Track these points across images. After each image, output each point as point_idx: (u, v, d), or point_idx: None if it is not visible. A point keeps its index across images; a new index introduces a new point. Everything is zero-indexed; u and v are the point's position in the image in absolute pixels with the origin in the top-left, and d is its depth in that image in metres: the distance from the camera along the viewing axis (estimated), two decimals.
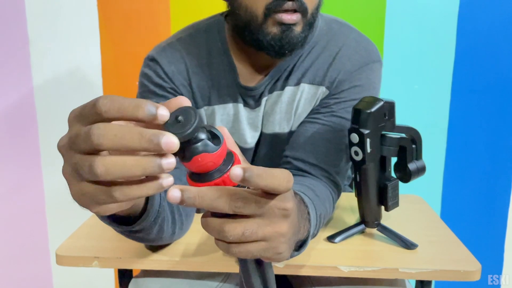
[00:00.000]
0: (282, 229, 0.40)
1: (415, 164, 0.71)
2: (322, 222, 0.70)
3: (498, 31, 1.49)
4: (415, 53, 1.51)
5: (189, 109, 0.35)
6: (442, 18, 1.49)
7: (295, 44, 0.72)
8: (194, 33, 0.84)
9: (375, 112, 0.66)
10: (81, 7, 1.48)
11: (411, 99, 1.53)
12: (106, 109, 0.32)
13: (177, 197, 0.35)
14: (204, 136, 0.36)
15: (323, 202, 0.71)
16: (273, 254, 0.41)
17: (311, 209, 0.62)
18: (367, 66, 0.81)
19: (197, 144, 0.36)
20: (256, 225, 0.38)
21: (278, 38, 0.71)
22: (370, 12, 1.48)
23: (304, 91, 0.81)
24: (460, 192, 1.59)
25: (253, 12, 0.70)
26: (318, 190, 0.72)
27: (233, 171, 0.34)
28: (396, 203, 0.73)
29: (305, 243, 0.59)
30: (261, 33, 0.71)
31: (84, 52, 1.51)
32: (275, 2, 0.68)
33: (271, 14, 0.69)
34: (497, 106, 1.53)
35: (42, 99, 1.52)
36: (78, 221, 0.84)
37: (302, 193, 0.65)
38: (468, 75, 1.52)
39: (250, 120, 0.85)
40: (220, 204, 0.36)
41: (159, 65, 0.81)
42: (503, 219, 1.59)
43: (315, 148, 0.78)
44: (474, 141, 1.56)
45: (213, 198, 0.36)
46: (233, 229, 0.38)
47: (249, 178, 0.34)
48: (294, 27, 0.71)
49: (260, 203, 0.38)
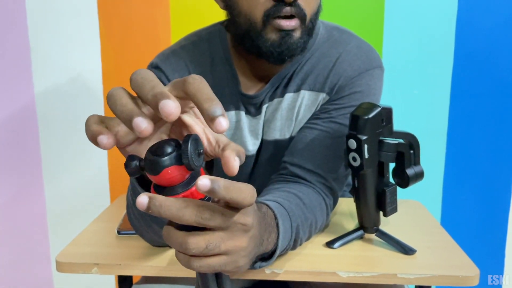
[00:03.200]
0: (242, 243, 0.41)
1: (413, 169, 0.72)
2: (306, 231, 0.70)
3: (496, 36, 1.50)
4: (414, 58, 1.51)
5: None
6: (440, 23, 1.49)
7: (295, 50, 0.73)
8: (197, 41, 0.85)
9: (373, 118, 0.67)
10: (82, 14, 1.50)
11: (410, 104, 1.53)
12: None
13: (144, 204, 0.35)
14: (172, 149, 0.36)
15: (310, 210, 0.71)
16: (232, 268, 0.42)
17: (284, 221, 0.62)
18: (367, 72, 0.80)
19: (166, 157, 0.35)
20: (220, 239, 0.39)
21: (277, 44, 0.71)
22: (369, 18, 1.49)
23: (304, 97, 0.82)
24: (460, 196, 1.59)
25: (252, 19, 0.71)
26: (307, 197, 0.72)
27: (201, 181, 0.34)
28: (395, 209, 0.74)
29: (274, 253, 0.60)
30: (261, 40, 0.72)
31: (84, 59, 1.52)
32: (274, 8, 0.69)
33: (270, 20, 0.70)
34: (496, 110, 1.54)
35: (43, 106, 1.53)
36: (78, 228, 0.85)
37: (278, 203, 0.65)
38: (467, 80, 1.52)
39: (251, 127, 0.85)
40: (186, 215, 0.36)
41: (164, 73, 0.81)
42: (504, 221, 1.59)
43: (312, 154, 0.78)
44: (474, 145, 1.56)
45: (180, 208, 0.35)
46: (196, 242, 0.38)
47: (216, 189, 0.35)
48: (293, 33, 0.71)
49: (226, 216, 0.38)
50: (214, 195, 0.35)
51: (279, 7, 0.69)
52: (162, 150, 0.36)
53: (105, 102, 1.54)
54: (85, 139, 0.38)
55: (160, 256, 0.70)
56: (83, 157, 1.55)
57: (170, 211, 0.35)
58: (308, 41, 0.76)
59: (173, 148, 0.36)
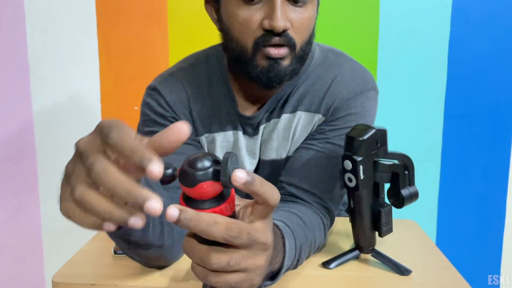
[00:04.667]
0: (261, 261, 0.42)
1: (408, 190, 0.72)
2: (306, 251, 0.71)
3: (488, 58, 1.53)
4: (408, 79, 1.54)
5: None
6: (433, 45, 1.52)
7: (283, 77, 0.74)
8: (195, 63, 0.86)
9: (367, 140, 0.68)
10: (81, 34, 1.52)
11: (405, 125, 1.55)
12: (112, 142, 0.35)
13: (174, 216, 0.36)
14: (210, 164, 0.37)
15: (311, 230, 0.72)
16: (247, 285, 0.42)
17: (289, 241, 0.64)
18: (362, 94, 0.82)
19: (203, 171, 0.36)
20: (241, 256, 0.40)
21: (266, 71, 0.73)
22: (364, 40, 1.52)
23: (300, 118, 0.83)
24: (455, 215, 1.60)
25: (243, 45, 0.73)
26: (307, 217, 0.73)
27: (238, 173, 0.36)
28: (390, 229, 0.74)
29: (279, 273, 0.61)
30: (251, 66, 0.74)
31: (83, 79, 1.53)
32: (263, 37, 0.71)
33: (260, 48, 0.72)
34: (490, 130, 1.56)
35: (41, 125, 1.54)
36: (73, 247, 0.84)
37: (284, 223, 0.66)
38: (460, 100, 1.55)
39: (249, 147, 0.86)
40: (215, 231, 0.37)
41: (161, 95, 0.83)
42: (499, 240, 1.60)
43: (309, 174, 0.79)
44: (468, 165, 1.58)
45: (209, 224, 0.37)
46: (219, 258, 0.38)
47: (251, 182, 0.36)
48: (281, 61, 0.73)
49: (251, 234, 0.39)
50: (250, 186, 0.36)
51: (269, 36, 0.70)
52: (200, 164, 0.37)
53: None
54: None
55: (157, 276, 0.70)
56: None
57: (200, 226, 0.36)
58: (298, 68, 0.77)
59: (210, 164, 0.37)
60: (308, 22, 0.73)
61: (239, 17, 0.71)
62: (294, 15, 0.71)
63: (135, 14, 1.51)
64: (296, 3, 0.71)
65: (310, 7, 0.73)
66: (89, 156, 0.36)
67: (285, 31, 0.71)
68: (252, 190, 0.37)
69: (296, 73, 0.77)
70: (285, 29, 0.70)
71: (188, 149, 0.82)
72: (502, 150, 1.57)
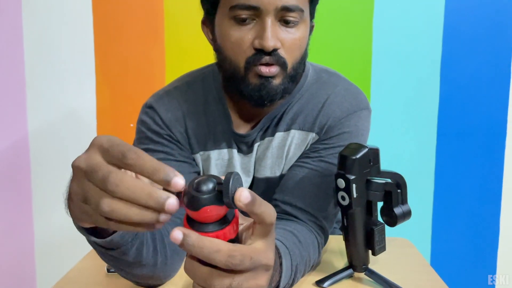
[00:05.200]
0: (262, 282, 0.42)
1: (400, 208, 0.73)
2: (301, 270, 0.71)
3: (480, 77, 1.55)
4: (401, 99, 1.56)
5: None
6: (425, 65, 1.55)
7: (274, 96, 0.75)
8: (191, 81, 0.88)
9: (360, 158, 0.69)
10: (79, 51, 1.53)
11: (398, 143, 1.56)
12: (131, 162, 0.36)
13: (178, 239, 0.36)
14: (214, 187, 0.37)
15: (305, 248, 0.72)
16: None
17: (286, 260, 0.64)
18: (355, 114, 0.83)
19: (208, 195, 0.36)
20: (243, 278, 0.40)
21: (258, 89, 0.74)
22: (357, 60, 1.54)
23: (294, 136, 0.84)
24: (449, 233, 1.60)
25: (236, 64, 0.75)
26: (302, 235, 0.74)
27: (244, 193, 0.36)
28: (383, 248, 0.75)
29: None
30: (243, 84, 0.75)
31: (79, 95, 1.54)
32: (254, 57, 0.72)
33: (251, 67, 0.73)
34: (482, 148, 1.57)
35: (36, 142, 1.54)
36: (67, 265, 0.84)
37: (280, 241, 0.67)
38: (452, 119, 1.56)
39: (243, 165, 0.87)
40: (217, 259, 0.37)
41: (157, 113, 0.83)
42: (493, 258, 1.60)
43: (303, 192, 0.80)
44: (461, 183, 1.59)
45: (211, 252, 0.37)
46: (221, 280, 0.38)
47: (253, 201, 0.37)
48: (272, 80, 0.74)
49: (254, 259, 0.39)
50: (252, 207, 0.37)
51: (260, 55, 0.72)
52: (205, 187, 0.36)
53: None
54: None
55: None
56: None
57: (202, 252, 0.37)
58: (291, 87, 0.78)
59: (214, 186, 0.37)
60: (300, 42, 0.75)
61: (232, 37, 0.73)
62: (284, 35, 0.73)
63: (133, 32, 1.53)
64: (287, 24, 0.73)
65: (301, 28, 0.75)
66: (98, 170, 0.36)
67: (275, 50, 0.72)
68: (252, 210, 0.38)
69: (288, 92, 0.79)
70: (275, 48, 0.72)
71: (183, 167, 0.83)
72: (495, 168, 1.58)
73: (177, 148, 0.83)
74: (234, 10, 0.72)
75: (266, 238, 0.42)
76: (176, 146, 0.83)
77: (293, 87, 0.80)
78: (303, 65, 0.80)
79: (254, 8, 0.70)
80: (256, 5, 0.70)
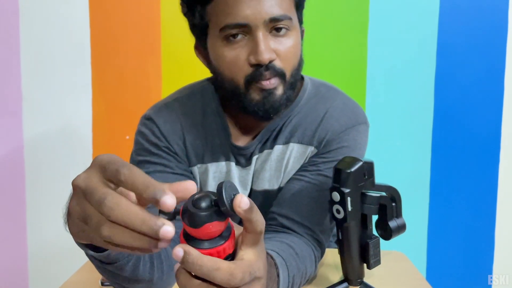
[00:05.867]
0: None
1: (395, 221, 0.73)
2: (298, 282, 0.71)
3: (474, 91, 1.57)
4: (396, 111, 1.57)
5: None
6: (420, 79, 1.57)
7: (279, 107, 0.76)
8: (190, 94, 0.88)
9: (355, 172, 0.69)
10: (75, 64, 1.54)
11: (393, 156, 1.57)
12: (124, 178, 0.36)
13: (179, 257, 0.37)
14: (212, 202, 0.37)
15: (302, 261, 0.72)
16: None
17: (283, 271, 0.64)
18: (353, 128, 0.84)
19: (208, 212, 0.36)
20: None
21: (262, 104, 0.75)
22: (352, 74, 1.56)
23: (293, 150, 0.84)
24: (445, 247, 1.60)
25: (235, 83, 0.75)
26: (299, 248, 0.73)
27: (243, 200, 0.36)
28: (378, 261, 0.75)
29: None
30: (246, 101, 0.75)
31: (75, 108, 1.54)
32: (253, 73, 0.73)
33: (252, 84, 0.74)
34: (477, 162, 1.58)
35: (31, 153, 1.54)
36: (60, 278, 0.83)
37: (277, 253, 0.66)
38: (447, 133, 1.58)
39: (241, 178, 0.87)
40: (217, 277, 0.37)
41: (155, 124, 0.84)
42: (488, 270, 1.60)
43: (300, 206, 0.80)
44: (456, 196, 1.59)
45: (211, 270, 0.37)
46: None
47: (252, 208, 0.37)
48: (275, 91, 0.75)
49: (252, 273, 0.40)
50: (250, 213, 0.37)
51: (258, 72, 0.73)
52: (204, 204, 0.36)
53: (93, 150, 1.55)
54: (70, 187, 0.40)
55: None
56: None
57: (201, 271, 0.37)
58: (291, 95, 0.79)
59: (212, 202, 0.37)
60: (294, 49, 0.76)
61: (226, 58, 0.74)
62: (278, 45, 0.74)
63: (129, 45, 1.54)
64: (278, 32, 0.73)
65: (293, 35, 0.75)
66: (95, 192, 0.36)
67: (271, 62, 0.73)
68: (250, 217, 0.38)
69: (290, 100, 0.79)
70: (271, 60, 0.72)
71: (179, 179, 0.82)
72: (490, 181, 1.59)
73: (174, 161, 0.83)
74: (224, 30, 0.72)
75: (256, 247, 0.42)
76: (174, 158, 0.83)
77: (293, 93, 0.80)
78: (300, 72, 0.80)
79: (244, 25, 0.71)
80: (244, 22, 0.71)
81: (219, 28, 0.73)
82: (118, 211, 0.35)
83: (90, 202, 0.37)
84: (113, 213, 0.35)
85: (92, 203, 0.37)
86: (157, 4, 1.52)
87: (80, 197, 0.38)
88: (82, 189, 0.37)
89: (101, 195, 0.36)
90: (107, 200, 0.35)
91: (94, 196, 0.36)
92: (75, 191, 0.39)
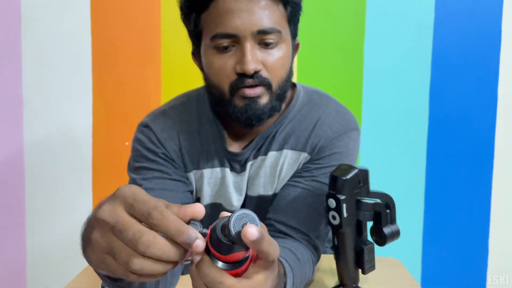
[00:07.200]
0: None
1: (390, 228, 0.75)
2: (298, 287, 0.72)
3: (468, 99, 1.59)
4: (392, 119, 1.58)
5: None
6: (415, 87, 1.58)
7: (261, 115, 0.78)
8: (186, 101, 0.90)
9: (350, 179, 0.71)
10: (76, 71, 1.55)
11: (388, 164, 1.59)
12: (156, 223, 0.38)
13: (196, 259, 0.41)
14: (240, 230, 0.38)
15: (303, 266, 0.74)
16: None
17: (289, 278, 0.65)
18: (345, 134, 0.86)
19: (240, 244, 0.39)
20: None
21: (244, 110, 0.77)
22: (349, 82, 1.57)
23: (287, 156, 0.86)
24: (440, 253, 1.61)
25: (221, 90, 0.77)
26: (299, 253, 0.75)
27: (251, 229, 0.38)
28: (373, 267, 0.76)
29: None
30: (230, 107, 0.78)
31: (76, 114, 1.55)
32: (237, 81, 0.75)
33: (236, 91, 0.76)
34: (472, 169, 1.60)
35: (31, 158, 1.54)
36: (59, 284, 0.84)
37: (284, 259, 0.68)
38: (442, 140, 1.59)
39: (236, 184, 0.88)
40: None
41: (152, 132, 0.85)
42: (483, 280, 1.61)
43: (296, 212, 0.82)
44: (451, 202, 1.61)
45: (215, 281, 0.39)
46: None
47: (261, 239, 0.39)
48: (258, 100, 0.76)
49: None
50: (259, 245, 0.39)
51: (242, 79, 0.75)
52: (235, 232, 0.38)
53: (93, 156, 1.56)
54: (69, 192, 0.41)
55: None
56: (67, 210, 1.54)
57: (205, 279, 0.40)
58: (278, 105, 0.80)
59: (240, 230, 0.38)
60: (282, 61, 0.77)
61: (215, 65, 0.76)
62: (265, 56, 0.75)
63: (129, 52, 1.55)
64: (267, 46, 0.75)
65: (282, 47, 0.77)
66: (128, 230, 0.38)
67: (257, 72, 0.75)
68: (259, 248, 0.39)
69: (277, 110, 0.81)
70: (256, 70, 0.74)
71: (176, 185, 0.84)
72: (484, 187, 1.60)
73: (172, 167, 0.85)
74: (214, 39, 0.75)
75: (267, 271, 0.44)
76: (171, 164, 0.85)
77: (281, 105, 0.82)
78: (289, 83, 0.82)
79: (233, 36, 0.73)
80: (233, 32, 0.73)
81: (210, 36, 0.75)
82: (155, 248, 0.37)
83: (119, 237, 0.38)
84: (148, 250, 0.37)
85: (123, 240, 0.38)
86: (157, 12, 1.54)
87: (107, 231, 0.39)
88: (110, 224, 0.39)
89: (136, 233, 0.37)
90: (143, 238, 0.37)
91: (127, 233, 0.38)
92: (100, 225, 0.40)
